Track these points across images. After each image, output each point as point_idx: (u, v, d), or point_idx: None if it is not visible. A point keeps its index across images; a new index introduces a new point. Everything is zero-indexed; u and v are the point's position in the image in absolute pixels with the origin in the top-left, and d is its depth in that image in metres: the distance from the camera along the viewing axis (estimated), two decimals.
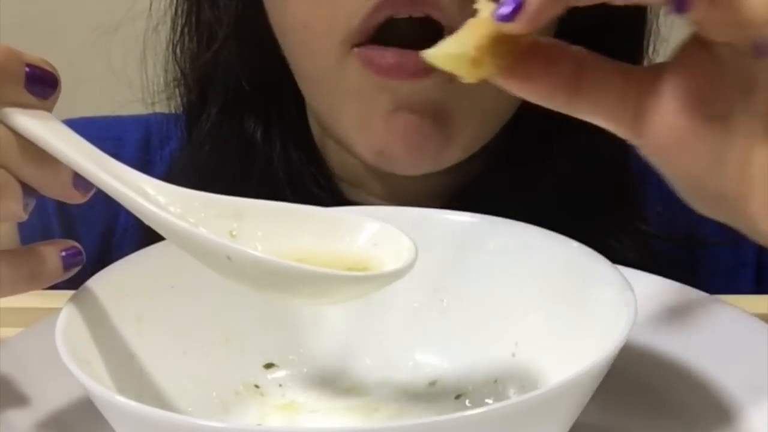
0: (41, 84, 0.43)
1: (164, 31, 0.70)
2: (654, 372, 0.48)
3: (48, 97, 0.43)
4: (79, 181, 0.43)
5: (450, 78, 0.59)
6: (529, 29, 0.39)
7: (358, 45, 0.57)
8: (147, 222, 0.42)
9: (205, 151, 0.68)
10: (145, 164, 0.74)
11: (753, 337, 0.48)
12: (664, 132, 0.41)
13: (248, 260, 0.40)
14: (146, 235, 0.46)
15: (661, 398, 0.46)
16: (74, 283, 0.45)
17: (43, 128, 0.42)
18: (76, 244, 0.45)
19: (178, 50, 0.69)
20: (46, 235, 0.71)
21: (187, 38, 0.69)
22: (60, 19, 1.18)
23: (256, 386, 0.48)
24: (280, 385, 0.48)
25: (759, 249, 0.70)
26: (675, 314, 0.50)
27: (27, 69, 0.43)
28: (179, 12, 0.69)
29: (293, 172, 0.67)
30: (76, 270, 0.45)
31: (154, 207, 0.41)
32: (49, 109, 0.44)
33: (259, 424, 0.46)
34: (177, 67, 0.70)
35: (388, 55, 0.56)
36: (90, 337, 0.43)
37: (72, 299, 0.43)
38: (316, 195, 0.66)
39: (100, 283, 0.45)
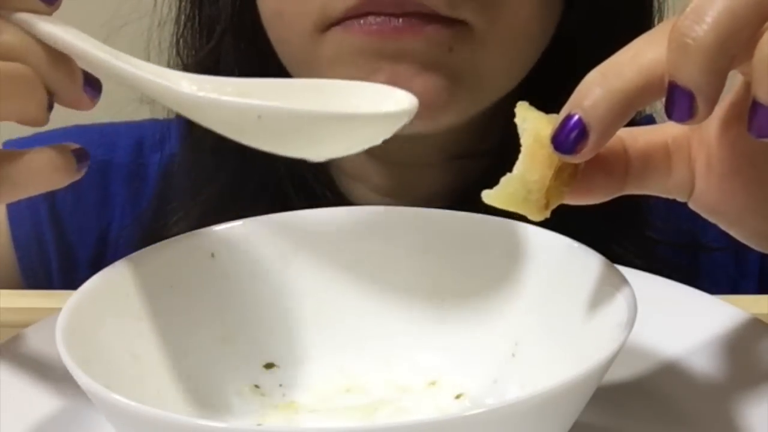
0: None
1: (168, 28, 0.70)
2: (654, 372, 0.48)
3: (54, 2, 0.45)
4: (88, 86, 0.45)
5: (449, 47, 0.57)
6: (596, 152, 0.37)
7: (338, 24, 0.56)
8: (169, 103, 0.43)
9: (206, 147, 0.68)
10: (138, 167, 0.74)
11: (753, 337, 0.48)
12: (722, 196, 0.40)
13: (280, 115, 0.40)
14: (140, 240, 0.46)
15: (661, 398, 0.46)
16: (74, 283, 0.45)
17: (59, 29, 0.44)
18: (80, 146, 0.46)
19: (181, 44, 0.70)
20: (39, 244, 0.71)
21: (189, 33, 0.69)
22: (62, 18, 1.18)
23: (256, 386, 0.48)
24: (280, 385, 0.48)
25: (762, 259, 0.70)
26: (675, 314, 0.50)
27: None
28: (182, 7, 0.69)
29: (295, 166, 0.67)
30: (84, 170, 0.46)
31: (176, 85, 0.42)
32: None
33: (259, 424, 0.46)
34: (180, 62, 0.70)
35: (371, 20, 0.55)
36: (90, 337, 0.43)
37: (72, 299, 0.43)
38: (316, 188, 0.66)
39: (100, 283, 0.45)
